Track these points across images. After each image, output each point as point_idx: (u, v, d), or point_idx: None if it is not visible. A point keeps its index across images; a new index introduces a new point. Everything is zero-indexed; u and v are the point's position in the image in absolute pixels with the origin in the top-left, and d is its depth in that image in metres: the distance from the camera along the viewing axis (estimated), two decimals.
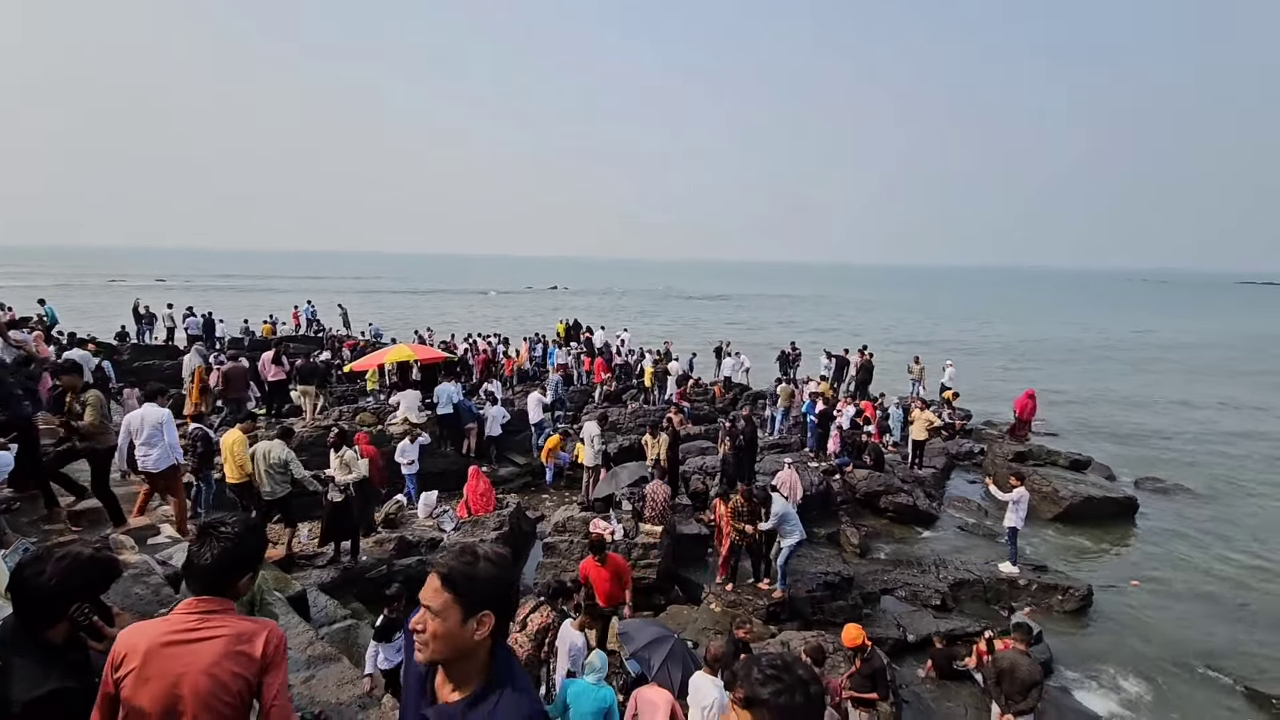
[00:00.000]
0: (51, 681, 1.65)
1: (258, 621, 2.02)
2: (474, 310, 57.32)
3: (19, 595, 1.76)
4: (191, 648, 1.90)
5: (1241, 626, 9.58)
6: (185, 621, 1.93)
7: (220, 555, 1.96)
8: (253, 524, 2.15)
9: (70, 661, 1.78)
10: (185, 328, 25.81)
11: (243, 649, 1.93)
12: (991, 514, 13.15)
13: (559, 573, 9.45)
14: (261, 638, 1.98)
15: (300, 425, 12.54)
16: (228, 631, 1.94)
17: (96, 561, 1.89)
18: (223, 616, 1.97)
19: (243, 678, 1.92)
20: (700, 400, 20.58)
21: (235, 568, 2.00)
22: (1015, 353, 39.25)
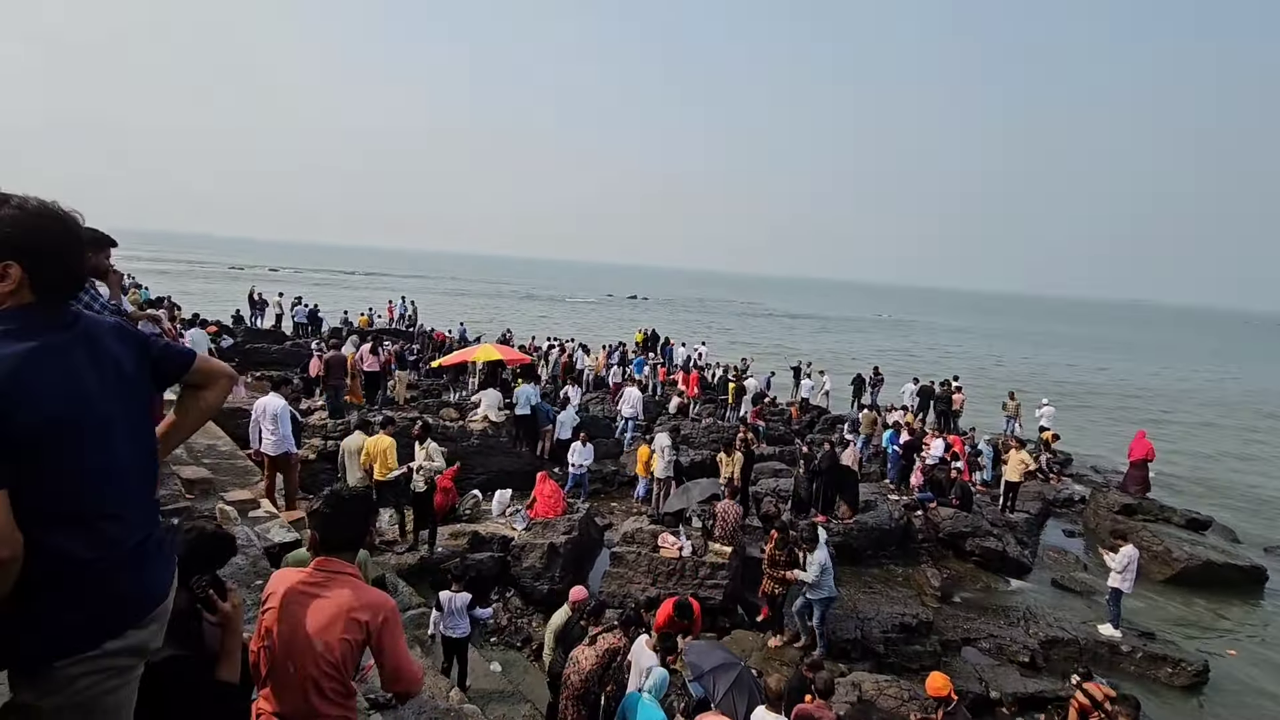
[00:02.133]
0: (169, 647, 1.74)
1: (373, 592, 2.14)
2: (548, 315, 58.61)
3: None
4: (316, 603, 2.06)
5: None
6: (316, 577, 2.11)
7: (335, 516, 2.15)
8: (365, 493, 2.38)
9: (187, 630, 1.88)
10: (293, 315, 27.78)
11: (355, 617, 2.04)
12: (1092, 569, 12.10)
13: (625, 584, 9.42)
14: (371, 610, 2.07)
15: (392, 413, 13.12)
16: (346, 597, 2.06)
17: (218, 538, 2.02)
18: (344, 580, 2.11)
19: (349, 643, 2.04)
20: (776, 421, 20.11)
21: (350, 528, 2.19)
22: (1126, 395, 36.22)
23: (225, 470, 8.00)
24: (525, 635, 8.51)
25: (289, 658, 2.02)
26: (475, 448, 13.10)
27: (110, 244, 4.14)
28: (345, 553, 2.17)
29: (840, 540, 11.16)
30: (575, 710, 5.15)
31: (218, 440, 9.20)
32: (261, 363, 22.27)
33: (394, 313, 32.09)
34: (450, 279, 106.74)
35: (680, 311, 76.18)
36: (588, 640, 5.34)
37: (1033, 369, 44.61)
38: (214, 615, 1.95)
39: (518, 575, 9.38)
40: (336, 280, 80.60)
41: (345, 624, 2.02)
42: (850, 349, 47.31)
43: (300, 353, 22.27)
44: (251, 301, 28.50)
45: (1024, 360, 50.24)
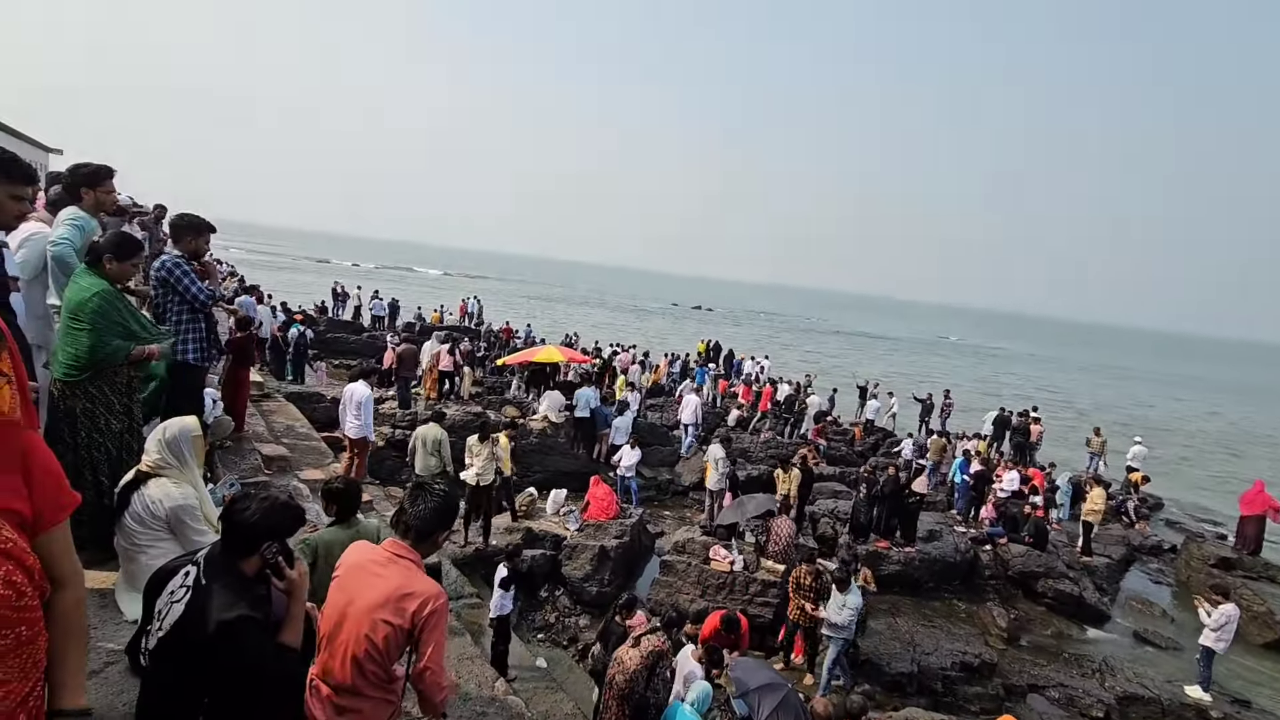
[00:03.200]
0: (241, 607, 1.85)
1: (427, 581, 2.15)
2: (612, 322, 59.13)
3: (227, 526, 2.01)
4: (370, 581, 2.10)
5: None
6: (380, 555, 2.17)
7: (427, 510, 2.18)
8: (454, 490, 2.42)
9: (257, 594, 1.98)
10: (370, 308, 29.15)
11: (401, 604, 2.05)
12: (1181, 625, 11.15)
13: (673, 593, 9.35)
14: (419, 599, 2.07)
15: (455, 407, 13.56)
16: (398, 581, 2.08)
17: (289, 508, 2.12)
18: (405, 565, 2.14)
19: (391, 628, 2.04)
20: (838, 441, 19.55)
21: (436, 523, 2.22)
22: (1238, 441, 33.28)
23: (302, 450, 8.44)
24: (572, 634, 8.56)
25: (340, 629, 2.09)
26: (534, 446, 13.34)
27: (209, 230, 4.48)
28: (421, 542, 2.21)
29: (900, 570, 10.73)
30: (619, 709, 5.13)
31: (296, 422, 9.73)
32: (340, 351, 23.50)
33: (465, 309, 33.19)
34: (519, 280, 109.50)
35: (745, 324, 75.39)
36: (631, 640, 5.31)
37: (1129, 405, 41.74)
38: (281, 581, 2.05)
39: (568, 575, 9.47)
40: (414, 277, 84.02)
41: (392, 608, 2.04)
42: (926, 371, 45.53)
43: (376, 344, 23.32)
44: (334, 294, 30.10)
45: (1120, 395, 47.04)
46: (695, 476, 14.90)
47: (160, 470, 2.89)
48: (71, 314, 3.24)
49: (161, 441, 2.94)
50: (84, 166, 4.00)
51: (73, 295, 3.27)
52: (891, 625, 9.57)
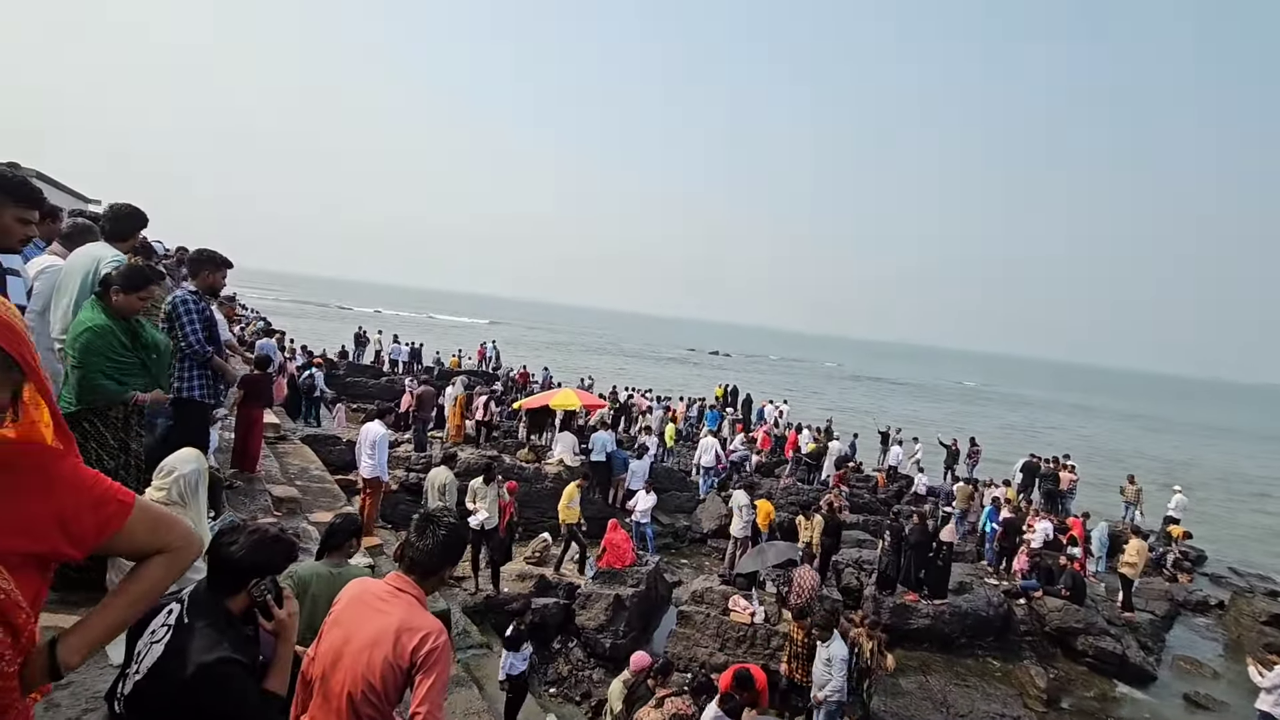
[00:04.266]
0: (223, 649, 1.71)
1: (429, 618, 1.99)
2: (626, 368, 59.19)
3: (213, 561, 1.88)
4: (370, 616, 1.96)
5: None
6: (382, 590, 2.04)
7: (434, 543, 2.04)
8: (461, 525, 2.24)
9: (242, 635, 1.85)
10: (390, 354, 29.44)
11: (402, 639, 1.90)
12: (1237, 687, 10.41)
13: (691, 645, 8.96)
14: (420, 634, 1.91)
15: (469, 451, 13.44)
16: (399, 616, 1.94)
17: (280, 540, 1.99)
18: (407, 600, 2.00)
19: (391, 666, 1.88)
20: (860, 488, 19.03)
21: (443, 558, 2.08)
22: (1258, 481, 32.01)
23: (315, 493, 8.34)
24: (585, 690, 8.18)
25: (335, 668, 1.94)
26: (548, 491, 13.10)
27: (227, 265, 4.50)
28: (426, 578, 2.08)
29: (930, 624, 10.22)
30: None
31: (311, 464, 9.67)
32: (359, 395, 23.63)
33: (484, 354, 33.39)
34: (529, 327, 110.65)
35: (764, 369, 75.01)
36: (654, 702, 5.03)
37: (1169, 454, 40.42)
38: (269, 622, 1.91)
39: (581, 625, 9.12)
40: (425, 322, 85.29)
41: (391, 644, 1.89)
42: (950, 417, 44.66)
43: (395, 387, 23.44)
44: (357, 339, 30.51)
45: (1158, 444, 45.66)
46: (714, 523, 14.52)
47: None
48: (67, 347, 3.25)
49: (164, 476, 2.86)
50: (126, 208, 4.05)
51: (70, 328, 3.28)
52: (923, 684, 9.07)
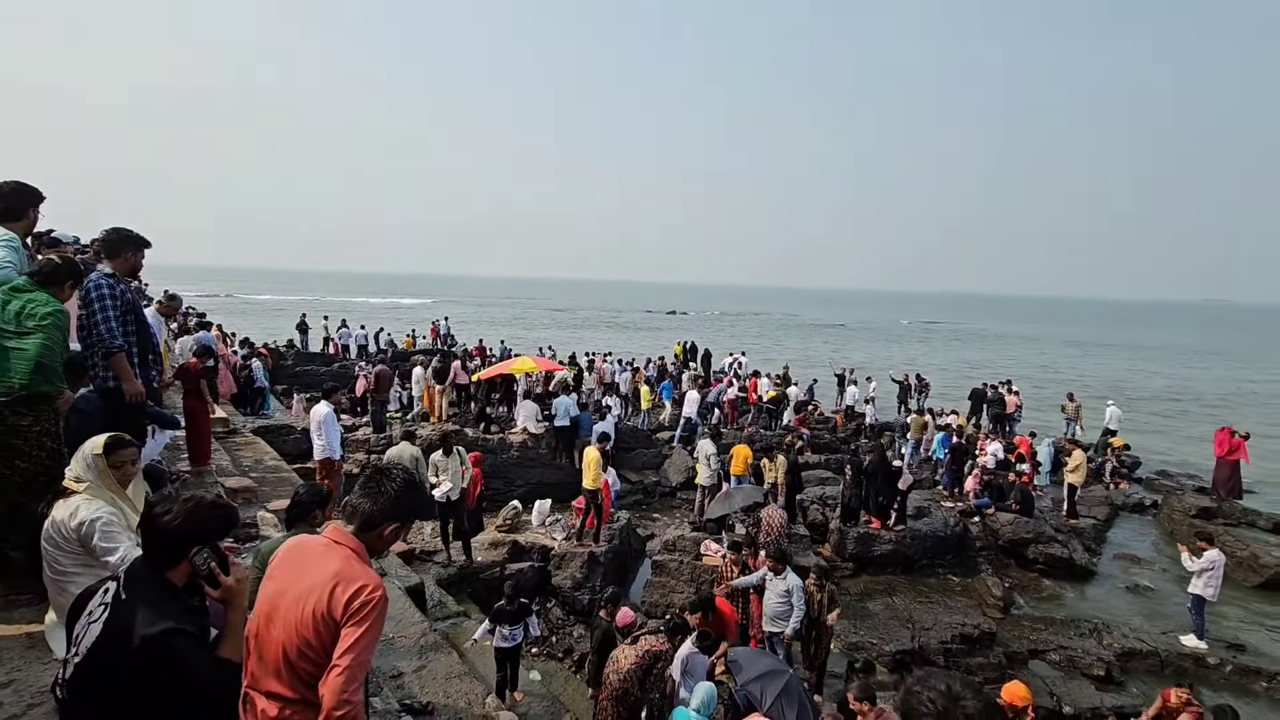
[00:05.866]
0: (166, 621, 1.66)
1: (366, 571, 1.88)
2: (589, 333, 58.97)
3: (146, 532, 1.81)
4: (304, 570, 1.84)
5: None
6: (318, 544, 1.92)
7: (381, 496, 1.92)
8: (419, 481, 2.12)
9: (187, 606, 1.79)
10: (340, 339, 28.64)
11: (335, 591, 1.78)
12: (1170, 576, 11.27)
13: (667, 592, 9.19)
14: (355, 585, 1.79)
15: (429, 427, 13.27)
16: (335, 568, 1.82)
17: (218, 507, 1.92)
18: (344, 553, 1.88)
19: (324, 619, 1.77)
20: (821, 429, 19.59)
21: (389, 512, 1.94)
22: (1209, 397, 34.10)
23: (271, 482, 8.14)
24: (567, 646, 8.33)
25: (270, 625, 1.82)
26: (514, 460, 13.10)
27: (145, 244, 4.27)
28: (366, 531, 1.94)
29: (893, 549, 10.69)
30: (614, 710, 4.95)
31: (266, 455, 9.42)
32: (310, 384, 22.97)
33: (438, 331, 32.78)
34: (478, 301, 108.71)
35: (724, 325, 75.68)
36: (629, 640, 5.15)
37: (1107, 372, 42.60)
38: (216, 590, 1.85)
39: (558, 585, 9.25)
40: (365, 306, 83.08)
41: (325, 596, 1.78)
42: (902, 358, 46.00)
43: (348, 373, 22.85)
44: (299, 328, 29.55)
45: (1095, 364, 48.03)
46: (682, 476, 14.78)
47: (77, 486, 2.68)
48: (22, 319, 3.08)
49: (77, 456, 2.75)
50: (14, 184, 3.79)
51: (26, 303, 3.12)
52: (889, 605, 9.52)
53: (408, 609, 5.95)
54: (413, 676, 5.13)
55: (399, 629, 5.62)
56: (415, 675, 5.15)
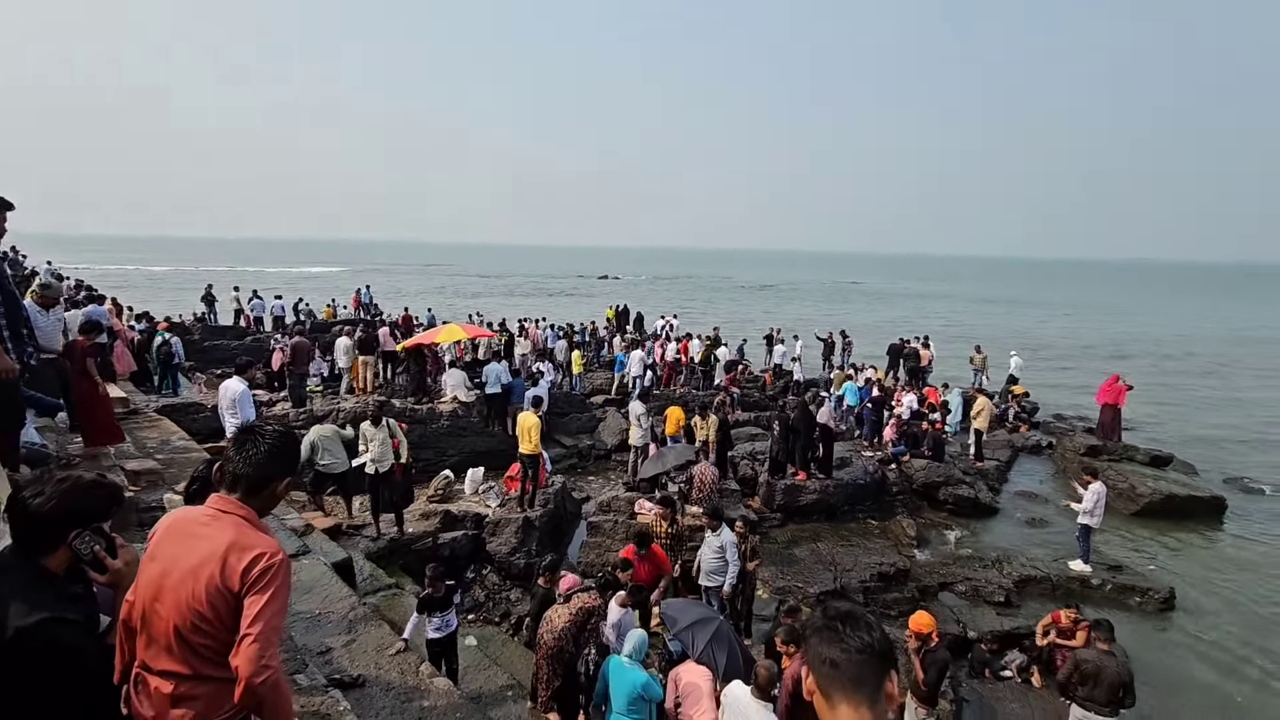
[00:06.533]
0: (44, 610, 1.55)
1: (262, 537, 1.82)
2: (520, 299, 58.02)
3: (16, 517, 1.67)
4: (189, 544, 1.75)
5: None
6: (201, 515, 1.83)
7: (259, 453, 1.84)
8: (292, 431, 2.05)
9: (69, 593, 1.68)
10: (252, 310, 26.99)
11: (230, 560, 1.72)
12: (1061, 509, 12.36)
13: (603, 552, 9.35)
14: (252, 553, 1.73)
15: (353, 400, 12.82)
16: (228, 537, 1.75)
17: (99, 486, 1.79)
18: (233, 520, 1.80)
19: (220, 591, 1.70)
20: (750, 387, 20.15)
21: (273, 467, 1.87)
22: (1076, 344, 37.08)
23: (180, 464, 7.68)
24: (504, 610, 8.39)
25: (156, 604, 1.73)
26: (445, 430, 12.87)
27: (8, 207, 3.87)
28: (253, 494, 1.87)
29: (817, 498, 11.21)
30: (550, 668, 5.06)
31: (172, 435, 8.86)
32: (222, 360, 21.63)
33: (359, 301, 31.40)
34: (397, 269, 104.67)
35: (658, 288, 75.89)
36: (562, 599, 5.24)
37: (1013, 326, 45.43)
38: (103, 574, 1.74)
39: (493, 552, 9.25)
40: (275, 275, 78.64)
41: (219, 566, 1.71)
42: (830, 318, 47.56)
43: (262, 347, 21.64)
44: (205, 299, 27.64)
45: (1001, 319, 51.13)
46: (615, 439, 14.94)
47: None
48: None
49: None
50: None
51: None
52: (814, 550, 10.03)
53: (334, 584, 5.82)
54: (342, 651, 5.05)
55: (326, 605, 5.51)
56: (345, 649, 5.08)
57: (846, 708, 1.33)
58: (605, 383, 19.72)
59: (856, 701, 1.32)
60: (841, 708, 1.33)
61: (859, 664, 1.33)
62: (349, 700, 4.20)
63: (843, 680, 1.33)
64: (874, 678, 1.34)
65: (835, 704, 1.34)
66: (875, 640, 1.37)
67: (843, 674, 1.33)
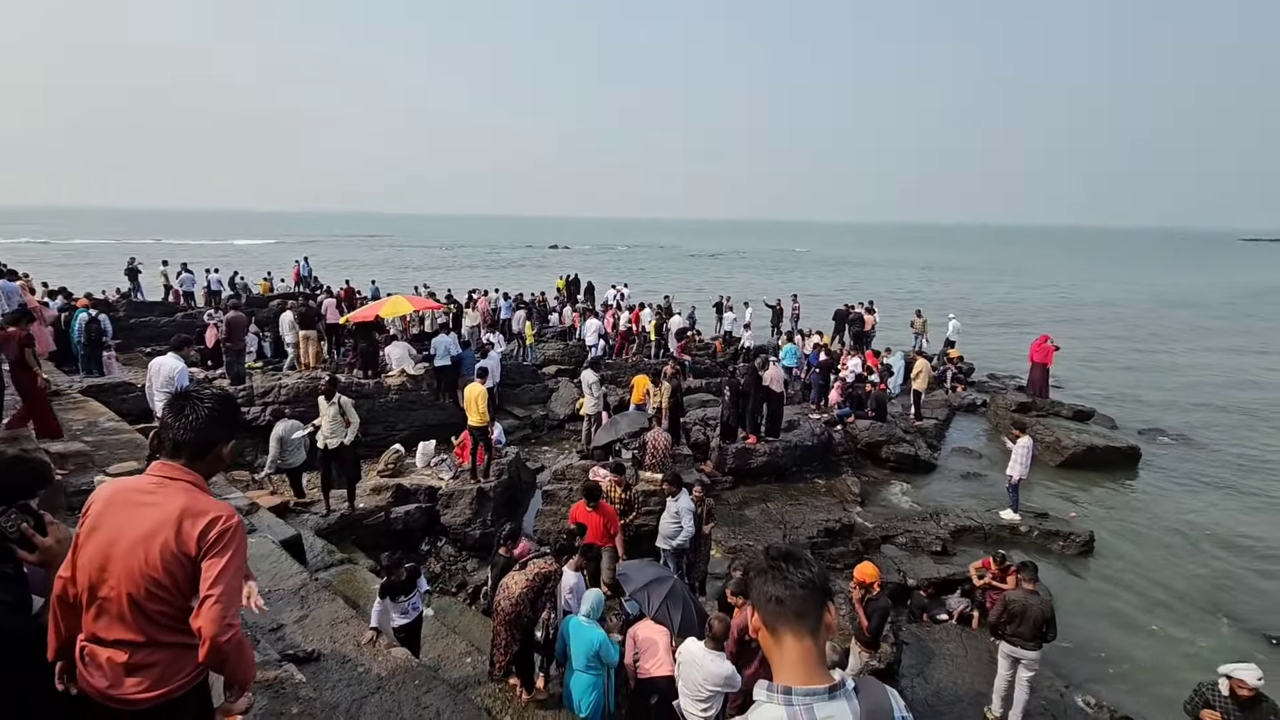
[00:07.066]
0: None
1: (213, 501, 1.82)
2: (467, 270, 56.79)
3: None
4: (136, 512, 1.74)
5: (1236, 568, 9.57)
6: (145, 484, 1.81)
7: (198, 417, 1.83)
8: (229, 392, 2.00)
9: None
10: (181, 285, 25.61)
11: (184, 526, 1.72)
12: (994, 463, 13.08)
13: (558, 520, 9.42)
14: (207, 517, 1.74)
15: (296, 376, 12.42)
16: (180, 503, 1.75)
17: (23, 461, 1.71)
18: (181, 486, 1.79)
19: (176, 556, 1.71)
20: (701, 355, 20.40)
21: (214, 430, 1.86)
22: (1013, 308, 38.87)
23: (110, 445, 7.35)
24: (460, 580, 8.42)
25: (105, 574, 1.71)
26: (394, 404, 12.61)
27: None
28: (198, 459, 1.85)
29: (767, 460, 11.53)
30: (508, 634, 5.13)
31: (100, 416, 8.44)
32: (151, 338, 20.52)
33: (299, 274, 30.14)
34: (335, 241, 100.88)
35: (610, 258, 75.36)
36: (519, 565, 5.29)
37: (957, 291, 47.09)
38: (32, 554, 1.68)
39: (448, 524, 9.22)
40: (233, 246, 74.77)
41: (173, 532, 1.72)
42: (781, 287, 48.27)
43: (195, 323, 20.60)
44: (130, 273, 26.01)
45: (944, 285, 52.90)
46: (568, 408, 14.95)
47: None
48: None
49: None
50: None
51: None
52: (764, 510, 10.35)
53: (284, 561, 5.73)
54: (295, 627, 5.00)
55: (275, 582, 5.42)
56: (298, 625, 5.03)
57: (791, 639, 1.43)
58: (558, 353, 19.63)
59: (800, 633, 1.42)
60: (787, 640, 1.43)
61: (802, 598, 1.43)
62: (305, 674, 4.18)
63: (787, 614, 1.43)
64: (815, 609, 1.44)
65: (780, 637, 1.44)
66: (815, 575, 1.47)
67: (787, 608, 1.43)
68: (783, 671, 1.44)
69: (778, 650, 1.45)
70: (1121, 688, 7.19)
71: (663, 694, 4.90)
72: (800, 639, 1.42)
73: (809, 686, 1.38)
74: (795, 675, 1.41)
